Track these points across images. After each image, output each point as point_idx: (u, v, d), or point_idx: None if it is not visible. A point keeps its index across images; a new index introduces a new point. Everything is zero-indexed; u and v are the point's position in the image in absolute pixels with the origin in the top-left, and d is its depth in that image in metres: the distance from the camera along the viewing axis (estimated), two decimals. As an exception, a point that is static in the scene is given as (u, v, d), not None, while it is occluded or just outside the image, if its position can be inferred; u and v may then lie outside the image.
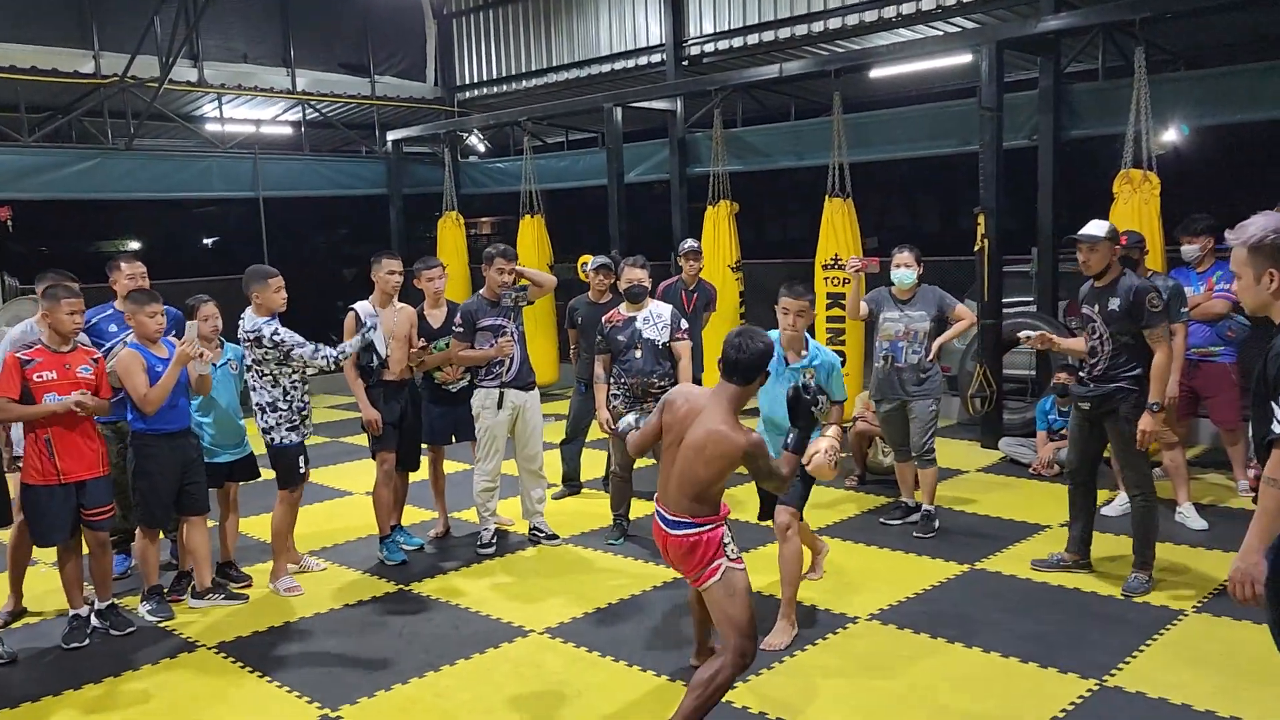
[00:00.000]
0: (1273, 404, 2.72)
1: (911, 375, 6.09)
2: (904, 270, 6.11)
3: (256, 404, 5.33)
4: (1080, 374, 5.26)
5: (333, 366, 5.37)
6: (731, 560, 3.60)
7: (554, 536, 6.22)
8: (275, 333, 5.22)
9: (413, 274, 6.25)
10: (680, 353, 5.98)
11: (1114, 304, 4.97)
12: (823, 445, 4.32)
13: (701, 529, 3.58)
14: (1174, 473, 6.25)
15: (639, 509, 6.53)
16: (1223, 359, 6.54)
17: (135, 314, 4.92)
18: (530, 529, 6.27)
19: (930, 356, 6.07)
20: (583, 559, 5.91)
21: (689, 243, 8.03)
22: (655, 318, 5.99)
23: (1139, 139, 7.42)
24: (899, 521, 6.33)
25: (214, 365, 5.34)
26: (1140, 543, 5.08)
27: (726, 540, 3.62)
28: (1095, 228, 5.11)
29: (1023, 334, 5.56)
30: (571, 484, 7.32)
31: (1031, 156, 8.89)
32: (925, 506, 6.19)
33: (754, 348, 3.60)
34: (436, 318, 6.18)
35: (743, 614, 3.57)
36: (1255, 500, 2.81)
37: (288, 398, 5.32)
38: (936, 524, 6.14)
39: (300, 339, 5.25)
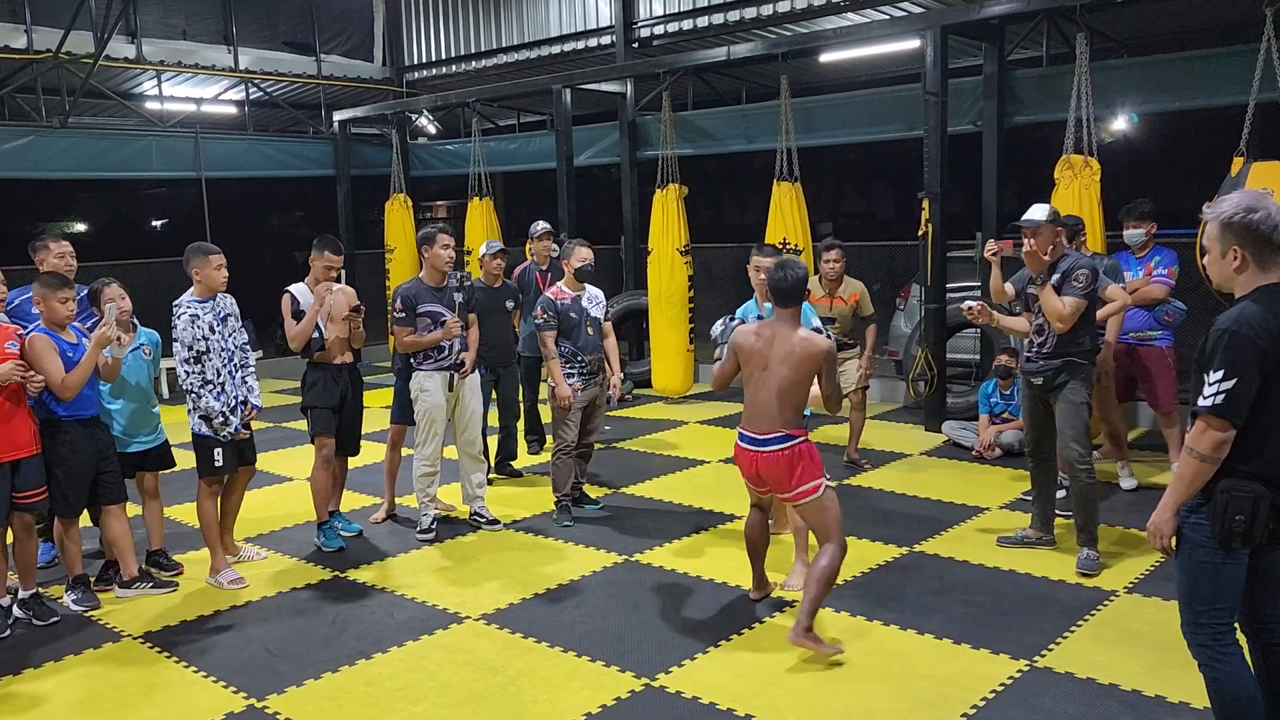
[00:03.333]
0: (1204, 376, 2.85)
1: None
2: None
3: (181, 386, 5.20)
4: (1029, 354, 5.30)
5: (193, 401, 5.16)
6: (828, 480, 4.37)
7: (495, 521, 6.17)
8: (181, 316, 5.08)
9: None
10: (609, 330, 6.37)
11: (1055, 279, 5.12)
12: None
13: (797, 441, 4.30)
14: (1112, 437, 6.61)
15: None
16: (1160, 343, 6.63)
17: (47, 298, 4.73)
18: (471, 514, 6.21)
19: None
20: (523, 544, 5.86)
21: (541, 225, 8.09)
22: (595, 298, 6.29)
23: (1081, 125, 7.48)
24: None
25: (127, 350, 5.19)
26: (1084, 519, 5.15)
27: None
28: (1036, 212, 5.21)
29: (965, 304, 5.58)
30: None
31: (977, 142, 8.94)
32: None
33: (795, 273, 4.34)
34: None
35: (839, 517, 4.38)
36: None
37: (209, 386, 5.13)
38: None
39: (187, 350, 5.05)
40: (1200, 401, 2.85)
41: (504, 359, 7.02)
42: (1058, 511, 6.01)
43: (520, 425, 7.78)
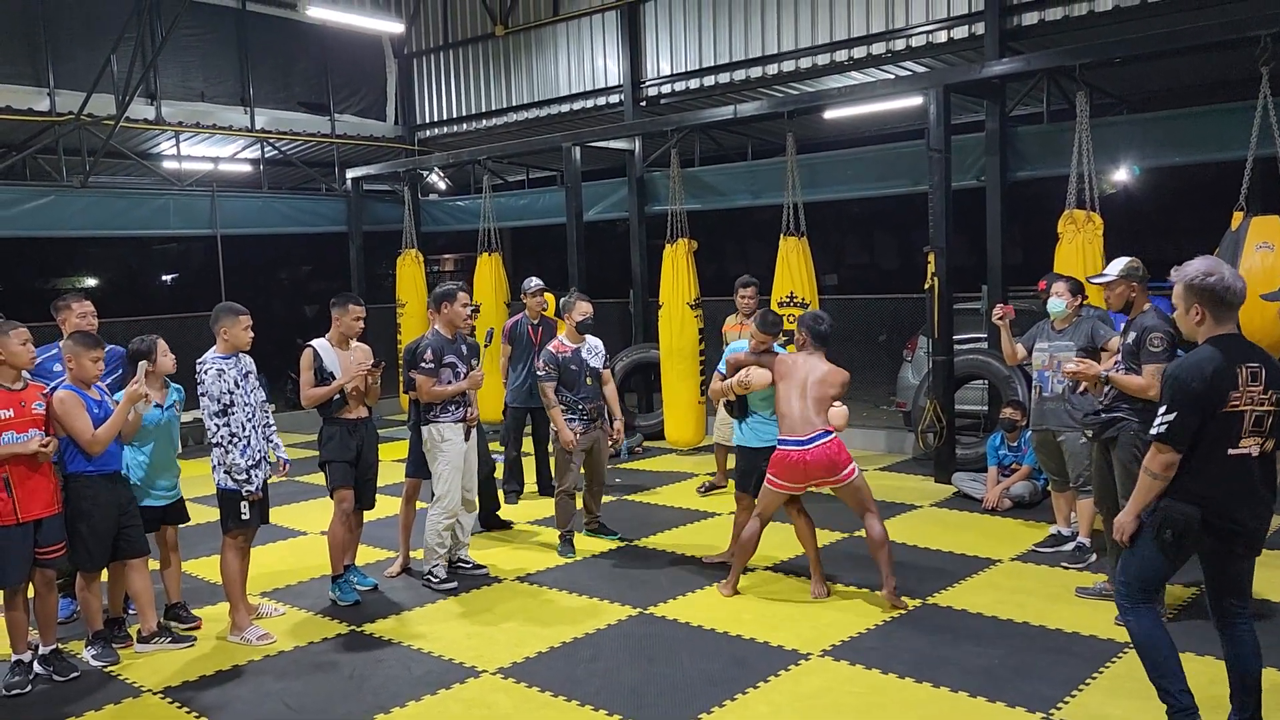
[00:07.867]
0: (1159, 410, 3.57)
1: (1058, 405, 5.97)
2: (1054, 299, 6.00)
3: (209, 441, 5.27)
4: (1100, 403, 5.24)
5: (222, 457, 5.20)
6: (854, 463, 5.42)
7: (480, 567, 6.32)
8: (208, 371, 5.15)
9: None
10: (609, 378, 6.77)
11: (1131, 338, 5.04)
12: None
13: (833, 435, 5.37)
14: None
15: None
16: None
17: (79, 356, 4.83)
18: (455, 561, 6.27)
19: (1079, 390, 5.76)
20: (537, 598, 5.89)
21: (534, 282, 8.25)
22: (594, 349, 6.69)
23: (1082, 180, 7.62)
24: (1051, 550, 6.30)
25: (159, 406, 5.28)
26: None
27: None
28: (1112, 267, 5.20)
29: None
30: None
31: (980, 196, 9.09)
32: (1080, 539, 6.13)
33: (828, 322, 5.57)
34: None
35: (870, 490, 5.55)
36: None
37: (235, 440, 5.19)
38: (1093, 557, 5.98)
39: (215, 404, 5.12)
40: (1151, 430, 3.58)
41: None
42: (1064, 565, 6.06)
43: (498, 475, 7.84)
